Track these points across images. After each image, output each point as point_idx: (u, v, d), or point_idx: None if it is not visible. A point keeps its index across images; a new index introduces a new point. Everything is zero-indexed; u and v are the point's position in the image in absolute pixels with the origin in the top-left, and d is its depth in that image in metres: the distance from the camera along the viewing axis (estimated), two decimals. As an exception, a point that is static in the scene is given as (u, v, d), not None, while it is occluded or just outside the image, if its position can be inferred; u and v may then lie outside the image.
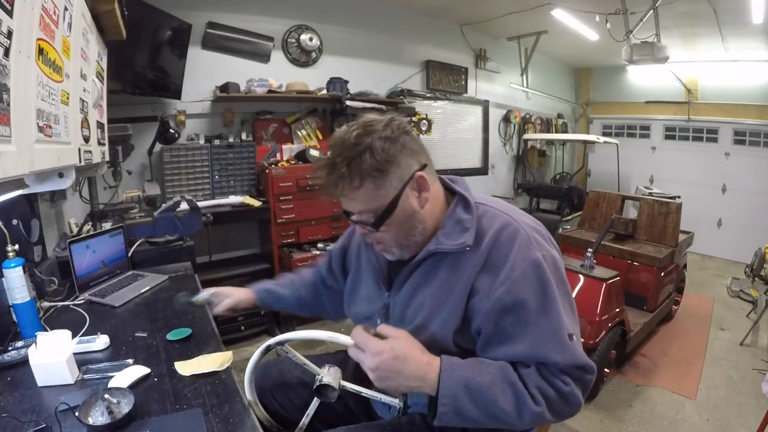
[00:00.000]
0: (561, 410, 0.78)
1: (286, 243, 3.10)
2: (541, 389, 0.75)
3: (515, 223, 0.81)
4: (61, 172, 1.07)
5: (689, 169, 5.66)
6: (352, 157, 0.75)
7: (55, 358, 1.00)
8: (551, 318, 0.76)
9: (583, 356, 0.78)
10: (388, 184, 0.78)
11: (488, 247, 0.79)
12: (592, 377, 0.79)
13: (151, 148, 2.82)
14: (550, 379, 0.76)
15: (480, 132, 5.22)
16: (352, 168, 0.75)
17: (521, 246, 0.78)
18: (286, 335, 0.94)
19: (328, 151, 0.80)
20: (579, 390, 0.78)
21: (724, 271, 4.81)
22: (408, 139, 0.80)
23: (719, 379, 2.65)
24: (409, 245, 0.85)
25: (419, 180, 0.80)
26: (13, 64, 0.71)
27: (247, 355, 0.98)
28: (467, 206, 0.84)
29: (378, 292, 0.96)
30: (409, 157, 0.79)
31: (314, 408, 1.00)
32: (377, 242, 0.87)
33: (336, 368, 0.91)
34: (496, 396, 0.73)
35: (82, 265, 1.64)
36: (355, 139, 0.76)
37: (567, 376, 0.77)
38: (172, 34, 2.79)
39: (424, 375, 0.75)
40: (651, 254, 2.98)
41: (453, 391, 0.74)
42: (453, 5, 4.08)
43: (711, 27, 3.99)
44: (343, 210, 0.84)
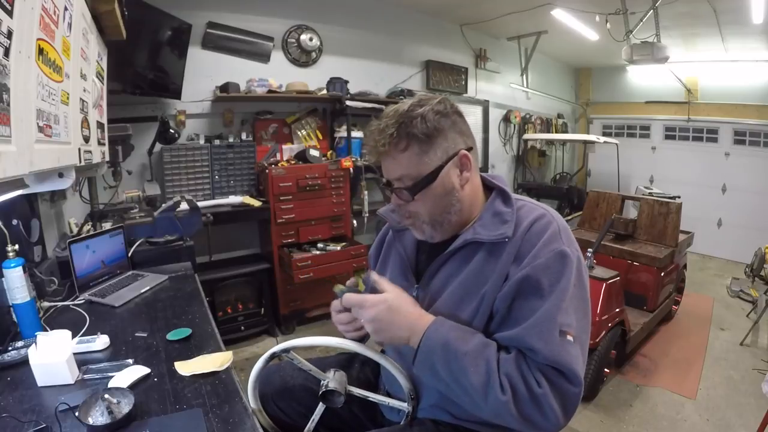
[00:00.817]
0: (530, 414, 0.72)
1: (286, 243, 3.10)
2: (510, 379, 0.72)
3: (549, 215, 0.83)
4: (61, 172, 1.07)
5: (689, 169, 5.66)
6: (402, 121, 0.79)
7: (55, 358, 1.00)
8: (549, 306, 0.74)
9: (570, 361, 0.72)
10: (432, 153, 0.80)
11: (521, 236, 0.80)
12: (573, 390, 0.72)
13: (151, 148, 2.82)
14: (524, 373, 0.73)
15: (480, 132, 5.21)
16: (401, 130, 0.79)
17: (550, 237, 0.79)
18: (291, 342, 0.93)
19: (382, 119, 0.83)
20: (555, 400, 0.71)
21: (724, 271, 4.80)
22: (459, 119, 0.83)
23: (719, 379, 2.65)
24: (442, 224, 0.85)
25: (463, 158, 0.82)
26: (13, 64, 0.71)
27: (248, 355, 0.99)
28: (506, 199, 0.86)
29: (404, 285, 0.92)
30: (457, 134, 0.82)
31: (319, 414, 0.97)
32: (409, 216, 0.87)
33: (341, 372, 0.91)
34: (468, 366, 0.74)
35: (82, 265, 1.64)
36: (408, 108, 0.80)
37: (543, 376, 0.72)
38: (172, 34, 2.79)
39: (413, 326, 0.79)
40: (651, 254, 2.98)
41: (431, 347, 0.77)
42: (453, 5, 4.08)
43: (711, 27, 3.99)
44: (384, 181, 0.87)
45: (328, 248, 3.17)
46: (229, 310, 2.95)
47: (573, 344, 0.74)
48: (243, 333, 2.97)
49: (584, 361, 0.76)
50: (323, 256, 3.08)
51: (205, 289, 1.75)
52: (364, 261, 3.23)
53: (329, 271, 3.07)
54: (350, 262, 3.18)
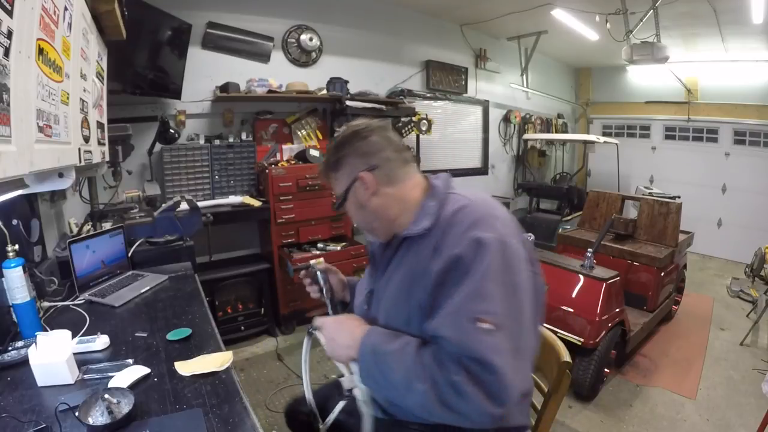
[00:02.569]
0: (451, 402, 0.71)
1: (286, 243, 3.10)
2: (428, 368, 0.74)
3: (470, 205, 0.85)
4: (61, 172, 1.07)
5: (689, 169, 5.66)
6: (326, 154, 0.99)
7: (55, 358, 1.00)
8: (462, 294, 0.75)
9: (481, 349, 0.70)
10: (340, 177, 0.95)
11: (442, 229, 0.84)
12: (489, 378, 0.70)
13: (151, 148, 2.82)
14: (442, 362, 0.73)
15: (480, 132, 5.22)
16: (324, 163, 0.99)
17: (469, 225, 0.80)
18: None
19: None
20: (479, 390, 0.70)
21: (724, 271, 4.81)
22: (362, 144, 0.93)
23: (719, 379, 2.65)
24: (373, 230, 0.98)
25: (362, 179, 0.92)
26: (13, 64, 0.71)
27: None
28: (434, 194, 0.92)
29: (369, 280, 1.04)
30: (358, 158, 0.92)
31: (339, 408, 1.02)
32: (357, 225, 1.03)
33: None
34: (393, 365, 0.78)
35: (82, 265, 1.64)
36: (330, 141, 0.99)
37: (458, 365, 0.72)
38: (172, 34, 2.79)
39: (351, 341, 0.86)
40: (651, 254, 2.98)
41: (365, 354, 0.83)
42: (453, 5, 4.08)
43: (711, 27, 3.99)
44: None
45: (328, 248, 3.17)
46: (229, 310, 2.95)
47: (491, 332, 0.72)
48: (243, 333, 2.97)
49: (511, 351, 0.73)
50: (323, 256, 3.08)
51: (205, 289, 1.75)
52: (364, 261, 3.23)
53: (329, 271, 3.06)
54: (350, 262, 3.18)
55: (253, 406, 0.96)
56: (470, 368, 0.71)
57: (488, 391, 0.70)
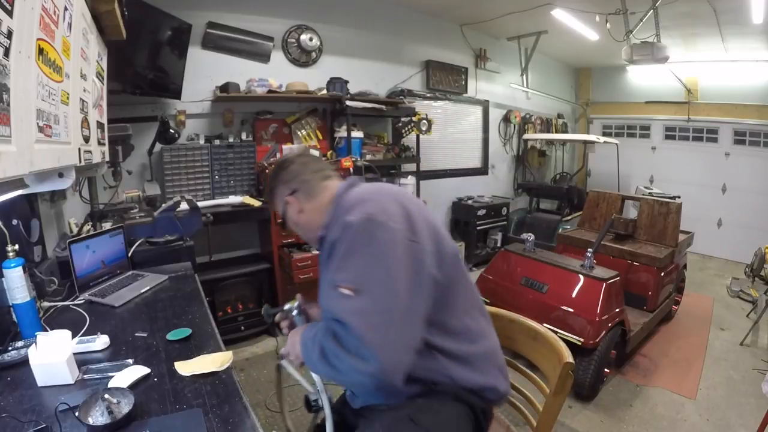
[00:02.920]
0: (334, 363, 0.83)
1: (286, 243, 3.10)
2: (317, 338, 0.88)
3: (350, 196, 0.99)
4: (61, 172, 1.07)
5: (689, 169, 5.66)
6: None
7: (55, 358, 1.00)
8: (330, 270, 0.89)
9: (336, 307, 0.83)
10: (276, 204, 1.14)
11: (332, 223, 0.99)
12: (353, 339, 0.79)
13: (151, 148, 2.82)
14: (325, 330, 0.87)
15: (480, 132, 5.22)
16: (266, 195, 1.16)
17: (342, 213, 0.94)
18: None
19: None
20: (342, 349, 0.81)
21: (724, 271, 4.81)
22: (283, 174, 1.11)
23: (719, 379, 2.65)
24: (309, 240, 1.15)
25: (288, 202, 1.10)
26: (13, 64, 0.71)
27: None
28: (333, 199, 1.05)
29: None
30: (282, 185, 1.11)
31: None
32: None
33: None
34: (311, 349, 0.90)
35: (82, 265, 1.64)
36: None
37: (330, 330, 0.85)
38: (172, 34, 2.79)
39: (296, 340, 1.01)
40: (651, 254, 2.98)
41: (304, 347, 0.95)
42: (453, 5, 4.08)
43: (711, 27, 3.99)
44: None
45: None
46: (229, 310, 2.95)
47: (349, 297, 0.82)
48: (243, 333, 2.97)
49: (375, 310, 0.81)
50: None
51: (205, 289, 1.75)
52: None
53: (329, 271, 3.06)
54: (350, 262, 3.18)
55: (253, 406, 0.96)
56: (335, 330, 0.83)
57: (350, 348, 0.80)
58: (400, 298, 0.83)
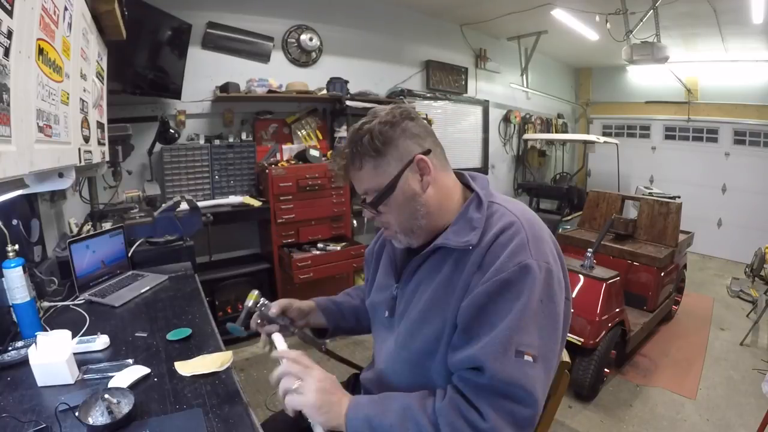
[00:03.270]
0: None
1: (286, 243, 3.10)
2: (453, 426, 0.69)
3: (518, 224, 0.78)
4: (61, 172, 1.07)
5: (689, 169, 5.66)
6: (354, 142, 0.82)
7: (55, 358, 1.00)
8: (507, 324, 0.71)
9: (524, 381, 0.68)
10: (386, 164, 0.81)
11: (486, 246, 0.78)
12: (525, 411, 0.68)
13: (151, 148, 2.82)
14: (465, 414, 0.69)
15: (480, 132, 5.22)
16: (353, 152, 0.82)
17: (516, 248, 0.75)
18: None
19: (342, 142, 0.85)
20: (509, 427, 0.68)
21: (724, 271, 4.81)
22: (411, 124, 0.83)
23: (719, 379, 2.65)
24: (414, 231, 0.85)
25: (419, 162, 0.81)
26: (13, 64, 0.71)
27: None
28: (480, 205, 0.83)
29: (389, 283, 0.95)
30: (409, 140, 0.82)
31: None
32: (385, 227, 0.89)
33: None
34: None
35: (82, 265, 1.64)
36: (359, 126, 0.83)
37: (487, 405, 0.69)
38: (172, 34, 2.79)
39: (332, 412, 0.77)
40: (651, 254, 2.98)
41: (357, 427, 0.75)
42: (453, 5, 4.08)
43: (711, 27, 3.99)
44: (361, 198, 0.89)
45: (328, 248, 3.17)
46: (229, 310, 2.95)
47: (532, 364, 0.70)
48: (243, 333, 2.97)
49: (548, 382, 0.73)
50: (323, 256, 3.08)
51: (205, 289, 1.74)
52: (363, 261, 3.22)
53: (329, 271, 3.07)
54: (350, 262, 3.18)
55: (253, 406, 0.95)
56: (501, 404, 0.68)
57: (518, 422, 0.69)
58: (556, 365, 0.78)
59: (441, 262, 0.83)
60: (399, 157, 0.81)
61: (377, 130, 0.80)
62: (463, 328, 0.75)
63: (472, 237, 0.78)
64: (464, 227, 0.81)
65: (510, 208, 0.83)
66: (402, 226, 0.85)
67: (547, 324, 0.74)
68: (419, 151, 0.82)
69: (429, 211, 0.83)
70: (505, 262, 0.74)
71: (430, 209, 0.83)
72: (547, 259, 0.76)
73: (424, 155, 0.81)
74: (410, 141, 0.82)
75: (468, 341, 0.74)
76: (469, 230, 0.80)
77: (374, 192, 0.83)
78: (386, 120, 0.81)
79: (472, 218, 0.81)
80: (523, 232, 0.77)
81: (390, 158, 0.81)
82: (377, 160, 0.81)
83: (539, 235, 0.78)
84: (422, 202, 0.83)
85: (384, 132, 0.80)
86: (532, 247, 0.75)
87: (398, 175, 0.81)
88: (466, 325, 0.75)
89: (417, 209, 0.83)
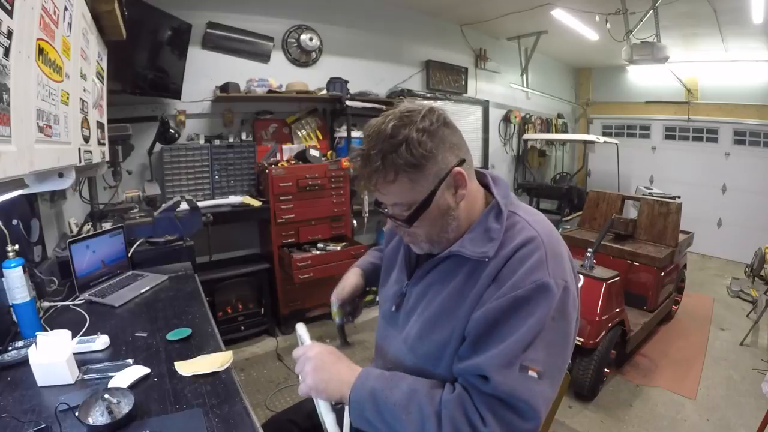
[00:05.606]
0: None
1: (286, 243, 3.10)
2: (453, 421, 0.69)
3: (538, 240, 0.76)
4: (61, 172, 1.07)
5: (689, 169, 5.66)
6: (387, 150, 0.72)
7: (55, 358, 1.00)
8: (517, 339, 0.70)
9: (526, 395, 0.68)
10: (423, 179, 0.75)
11: (504, 259, 0.75)
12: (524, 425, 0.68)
13: (151, 148, 2.82)
14: (468, 413, 0.69)
15: (480, 132, 5.21)
16: (387, 162, 0.72)
17: (534, 265, 0.73)
18: None
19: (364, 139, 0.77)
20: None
21: (724, 271, 4.81)
22: (447, 132, 0.76)
23: (719, 379, 2.65)
24: (440, 241, 0.82)
25: (457, 176, 0.76)
26: (13, 64, 0.71)
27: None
28: (499, 215, 0.80)
29: (401, 278, 0.94)
30: (447, 151, 0.75)
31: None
32: (407, 235, 0.85)
33: None
34: (399, 415, 0.72)
35: (82, 265, 1.64)
36: (392, 131, 0.72)
37: (488, 411, 0.68)
38: (172, 34, 2.79)
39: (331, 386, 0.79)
40: (651, 254, 2.98)
41: (361, 398, 0.76)
42: (453, 5, 4.07)
43: (711, 27, 3.99)
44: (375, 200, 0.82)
45: (328, 248, 3.17)
46: (229, 310, 2.95)
47: (536, 380, 0.69)
48: (243, 333, 2.97)
49: (552, 397, 0.72)
50: (323, 256, 3.08)
51: (205, 289, 1.75)
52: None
53: (329, 271, 3.07)
54: (350, 262, 3.14)
55: (253, 406, 0.96)
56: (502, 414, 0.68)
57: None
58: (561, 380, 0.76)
59: (455, 269, 0.81)
60: (437, 171, 0.75)
61: (416, 140, 0.72)
62: (471, 340, 0.74)
63: (489, 249, 0.76)
64: (482, 237, 0.78)
65: (530, 221, 0.80)
66: (430, 237, 0.82)
67: (558, 341, 0.73)
68: (455, 162, 0.76)
69: (459, 223, 0.81)
70: (522, 278, 0.72)
71: (461, 222, 0.81)
72: (564, 277, 0.74)
73: (460, 167, 0.77)
74: (448, 153, 0.76)
75: (475, 352, 0.73)
76: (487, 241, 0.77)
77: (404, 206, 0.78)
78: (424, 128, 0.73)
79: (490, 228, 0.78)
80: (543, 249, 0.75)
81: (428, 173, 0.74)
82: (415, 174, 0.74)
83: (558, 252, 0.77)
84: (455, 215, 0.79)
85: (423, 143, 0.72)
86: (551, 265, 0.73)
87: (434, 191, 0.75)
88: (475, 338, 0.74)
89: (449, 222, 0.80)
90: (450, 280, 0.81)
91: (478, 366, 0.71)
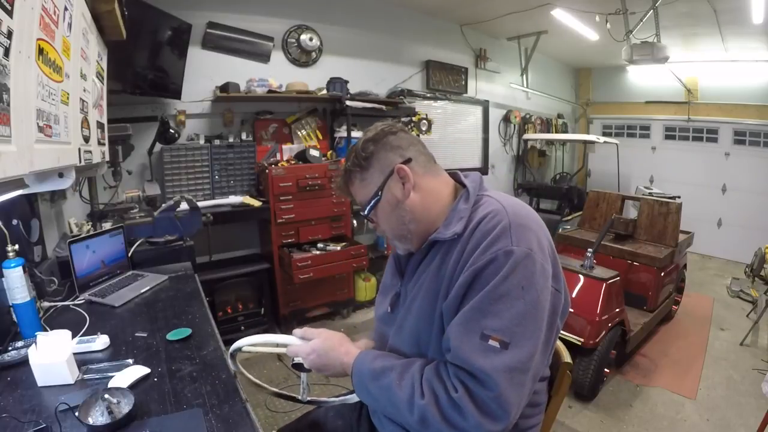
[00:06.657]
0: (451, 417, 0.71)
1: (286, 243, 3.10)
2: (430, 383, 0.75)
3: (502, 211, 0.80)
4: (61, 172, 1.07)
5: (689, 169, 5.66)
6: (347, 160, 0.92)
7: (55, 358, 1.00)
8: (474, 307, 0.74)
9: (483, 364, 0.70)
10: (370, 177, 0.89)
11: (469, 234, 0.80)
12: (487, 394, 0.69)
13: (151, 148, 2.82)
14: (443, 378, 0.74)
15: (480, 132, 5.22)
16: (346, 169, 0.92)
17: (497, 236, 0.76)
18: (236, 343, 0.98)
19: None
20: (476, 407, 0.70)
21: (724, 271, 4.81)
22: (392, 138, 0.89)
23: (719, 379, 2.65)
24: (406, 236, 0.90)
25: (399, 171, 0.86)
26: (13, 64, 0.71)
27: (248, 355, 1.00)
28: (467, 197, 0.87)
29: (394, 282, 1.00)
30: (390, 152, 0.88)
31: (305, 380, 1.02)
32: (381, 233, 0.95)
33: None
34: (392, 382, 0.78)
35: (82, 265, 1.64)
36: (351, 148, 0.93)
37: (458, 380, 0.72)
38: (172, 34, 2.79)
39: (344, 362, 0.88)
40: (651, 254, 2.98)
41: (361, 372, 0.85)
42: (453, 5, 4.08)
43: (711, 27, 3.99)
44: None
45: (328, 248, 3.17)
46: (229, 310, 2.95)
47: (497, 350, 0.71)
48: (243, 333, 2.97)
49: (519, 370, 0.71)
50: (323, 256, 3.08)
51: (205, 289, 1.75)
52: (364, 261, 3.23)
53: (329, 271, 3.07)
54: (350, 262, 3.18)
55: (253, 406, 0.96)
56: (466, 383, 0.71)
57: (486, 409, 0.70)
58: (538, 353, 0.74)
59: (435, 255, 0.87)
60: (381, 168, 0.88)
61: (360, 147, 0.89)
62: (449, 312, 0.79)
63: (458, 226, 0.82)
64: (452, 220, 0.84)
65: (497, 197, 0.86)
66: (393, 232, 0.91)
67: (526, 312, 0.73)
68: (400, 161, 0.87)
69: (415, 215, 0.88)
70: (485, 248, 0.76)
71: (416, 214, 0.88)
72: (529, 246, 0.76)
73: (404, 164, 0.87)
74: (391, 153, 0.88)
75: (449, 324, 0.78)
76: (457, 221, 0.83)
77: (364, 204, 0.91)
78: (368, 137, 0.90)
79: (459, 209, 0.85)
80: (506, 219, 0.78)
81: (373, 170, 0.89)
82: (363, 174, 0.90)
83: (523, 223, 0.79)
84: (407, 208, 0.87)
85: (366, 148, 0.88)
86: (514, 233, 0.76)
87: (382, 185, 0.88)
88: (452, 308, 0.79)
89: (402, 215, 0.88)
90: (433, 267, 0.86)
91: (446, 336, 0.77)
